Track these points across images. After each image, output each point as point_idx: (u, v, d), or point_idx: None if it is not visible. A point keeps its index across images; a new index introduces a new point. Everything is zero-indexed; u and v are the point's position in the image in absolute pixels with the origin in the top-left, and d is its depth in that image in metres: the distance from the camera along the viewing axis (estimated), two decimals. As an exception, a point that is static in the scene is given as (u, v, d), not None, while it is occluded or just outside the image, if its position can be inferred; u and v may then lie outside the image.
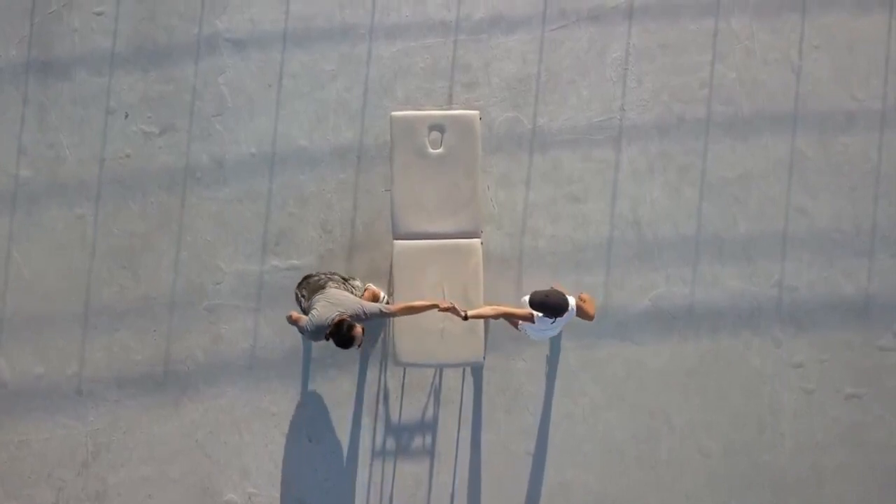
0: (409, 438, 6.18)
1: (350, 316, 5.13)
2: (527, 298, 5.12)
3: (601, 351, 6.20)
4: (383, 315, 5.24)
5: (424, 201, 5.70)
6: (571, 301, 5.16)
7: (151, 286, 6.25)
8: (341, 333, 5.06)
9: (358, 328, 5.10)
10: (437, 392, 6.20)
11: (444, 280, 5.60)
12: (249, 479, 6.18)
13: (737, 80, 6.32)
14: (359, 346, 5.16)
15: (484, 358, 5.70)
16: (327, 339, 5.15)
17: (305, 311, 5.38)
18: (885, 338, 6.21)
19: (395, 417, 6.18)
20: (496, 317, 5.26)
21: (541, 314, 5.07)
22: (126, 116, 6.34)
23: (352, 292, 5.55)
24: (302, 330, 5.30)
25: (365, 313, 5.19)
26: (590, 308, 5.29)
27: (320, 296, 5.29)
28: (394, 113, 5.77)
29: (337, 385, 6.19)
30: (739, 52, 6.33)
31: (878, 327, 6.21)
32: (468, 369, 6.18)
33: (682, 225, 6.25)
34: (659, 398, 6.18)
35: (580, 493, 6.16)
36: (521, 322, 5.30)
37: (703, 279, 6.22)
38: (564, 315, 5.07)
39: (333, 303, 5.19)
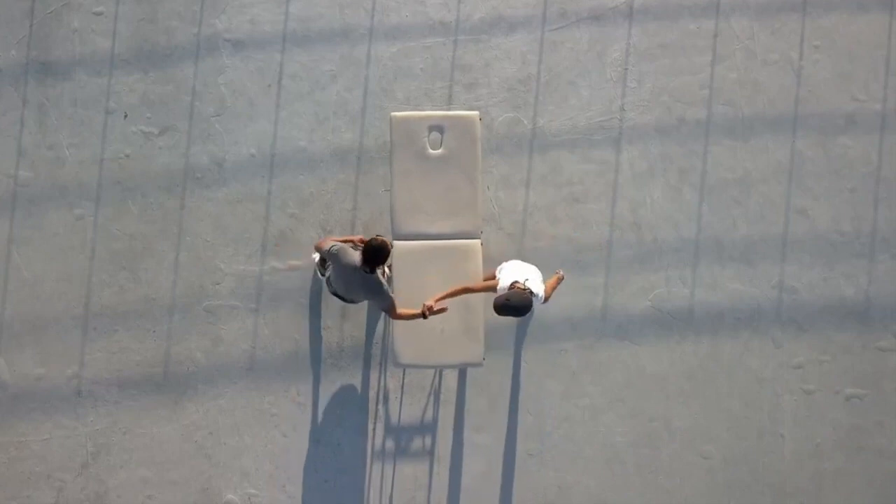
0: (408, 440, 6.17)
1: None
2: (505, 265, 5.19)
3: (601, 353, 6.19)
4: (389, 305, 5.25)
5: (424, 202, 5.69)
6: (538, 289, 5.05)
7: (151, 287, 6.25)
8: (374, 247, 4.94)
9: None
10: (436, 393, 6.20)
11: (443, 281, 5.59)
12: (249, 481, 6.18)
13: (737, 81, 6.31)
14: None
15: (484, 359, 5.70)
16: (357, 270, 5.08)
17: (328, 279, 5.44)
18: (886, 339, 6.21)
19: (394, 418, 6.18)
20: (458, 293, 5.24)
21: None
22: (125, 117, 6.33)
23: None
24: (327, 260, 5.30)
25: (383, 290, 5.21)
26: (548, 290, 5.23)
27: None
28: (393, 113, 5.76)
29: (337, 386, 6.19)
30: (740, 53, 6.32)
31: (878, 329, 6.21)
32: (468, 370, 6.18)
33: (683, 226, 6.24)
34: (659, 401, 6.18)
35: (580, 496, 6.16)
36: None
37: (703, 281, 6.22)
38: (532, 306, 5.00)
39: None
